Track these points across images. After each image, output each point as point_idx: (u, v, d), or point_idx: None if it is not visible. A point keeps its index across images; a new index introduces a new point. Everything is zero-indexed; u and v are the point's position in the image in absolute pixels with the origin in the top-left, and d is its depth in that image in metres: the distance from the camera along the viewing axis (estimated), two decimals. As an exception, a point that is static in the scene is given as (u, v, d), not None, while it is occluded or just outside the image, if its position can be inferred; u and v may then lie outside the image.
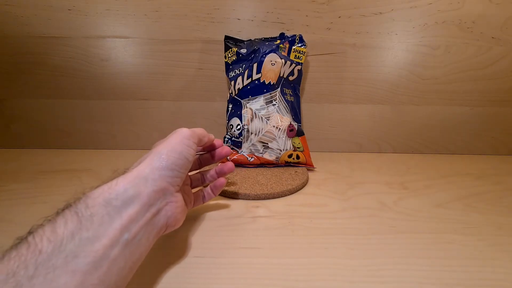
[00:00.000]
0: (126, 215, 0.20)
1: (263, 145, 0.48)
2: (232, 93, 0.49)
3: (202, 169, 0.35)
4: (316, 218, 0.36)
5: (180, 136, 0.26)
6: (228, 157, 0.48)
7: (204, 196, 0.34)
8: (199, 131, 0.29)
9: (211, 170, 0.35)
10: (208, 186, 0.34)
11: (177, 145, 0.25)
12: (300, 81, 0.52)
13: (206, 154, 0.34)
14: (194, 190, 0.34)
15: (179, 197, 0.25)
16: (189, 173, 0.33)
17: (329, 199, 0.41)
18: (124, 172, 0.23)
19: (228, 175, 0.45)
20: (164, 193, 0.23)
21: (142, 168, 0.22)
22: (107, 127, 0.58)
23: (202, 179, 0.35)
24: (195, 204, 0.33)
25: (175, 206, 0.24)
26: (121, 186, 0.21)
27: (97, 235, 0.18)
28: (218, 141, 0.34)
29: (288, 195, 0.42)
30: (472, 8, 0.51)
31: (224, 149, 0.33)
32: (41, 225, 0.18)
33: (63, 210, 0.19)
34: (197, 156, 0.35)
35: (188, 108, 0.58)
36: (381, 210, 0.38)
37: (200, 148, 0.33)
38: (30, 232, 0.17)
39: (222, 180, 0.33)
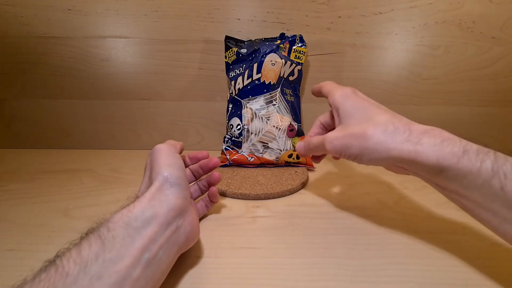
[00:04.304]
0: (146, 235, 0.21)
1: (263, 145, 0.48)
2: (232, 93, 0.49)
3: (198, 180, 0.36)
4: (316, 218, 0.36)
5: (161, 151, 0.27)
6: (228, 157, 0.48)
7: (206, 205, 0.35)
8: (170, 141, 0.30)
9: (203, 180, 0.35)
10: (206, 196, 0.35)
11: (166, 159, 0.26)
12: (300, 81, 0.52)
13: (194, 165, 0.35)
14: (196, 201, 0.35)
15: (194, 211, 0.27)
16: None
17: (329, 199, 0.41)
18: (137, 196, 0.25)
19: (229, 175, 0.45)
20: (181, 211, 0.24)
21: (154, 191, 0.24)
22: (107, 127, 0.58)
23: (200, 190, 0.35)
24: (200, 213, 0.35)
25: (192, 220, 0.26)
26: (138, 208, 0.22)
27: (120, 255, 0.19)
28: (202, 153, 0.34)
29: (288, 195, 0.42)
30: (472, 8, 0.51)
31: (211, 160, 0.34)
32: (67, 249, 0.19)
33: (87, 234, 0.20)
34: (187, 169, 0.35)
35: (188, 108, 0.58)
36: (381, 210, 0.38)
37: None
38: (57, 256, 0.18)
39: (213, 189, 0.34)
